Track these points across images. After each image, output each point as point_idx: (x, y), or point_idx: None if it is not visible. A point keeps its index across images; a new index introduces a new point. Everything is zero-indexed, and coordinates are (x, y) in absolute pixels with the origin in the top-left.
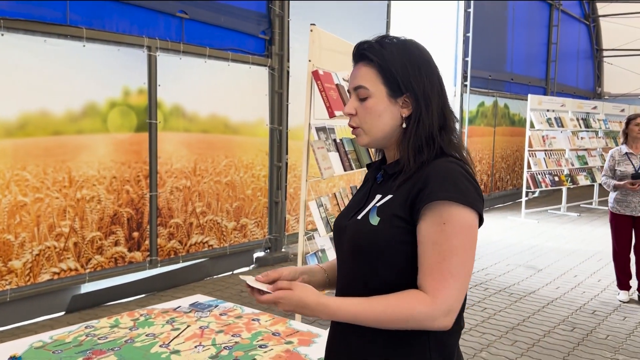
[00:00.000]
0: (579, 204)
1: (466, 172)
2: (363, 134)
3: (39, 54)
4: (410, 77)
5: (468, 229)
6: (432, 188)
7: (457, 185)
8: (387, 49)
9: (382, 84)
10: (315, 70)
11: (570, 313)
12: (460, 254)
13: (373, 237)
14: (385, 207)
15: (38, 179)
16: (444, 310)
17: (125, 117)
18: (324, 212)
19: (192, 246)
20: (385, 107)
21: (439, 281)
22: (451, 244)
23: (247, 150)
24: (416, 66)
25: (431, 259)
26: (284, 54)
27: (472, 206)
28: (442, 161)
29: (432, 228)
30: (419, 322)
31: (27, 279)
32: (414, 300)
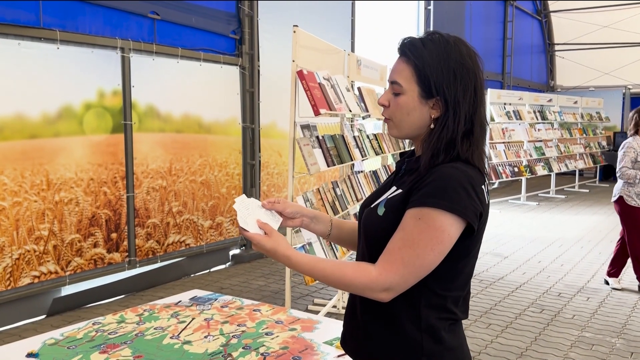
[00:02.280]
0: (537, 193)
1: (469, 182)
2: (393, 127)
3: (13, 57)
4: (443, 82)
5: (439, 231)
6: (426, 193)
7: (449, 193)
8: (428, 49)
9: (416, 84)
10: (299, 70)
11: (538, 296)
12: (420, 249)
13: (375, 227)
14: (393, 201)
15: (16, 182)
16: (382, 286)
17: (101, 119)
18: (310, 206)
19: (169, 246)
20: (415, 106)
21: (390, 263)
22: (416, 237)
23: (220, 149)
24: (452, 71)
25: (394, 242)
26: (254, 53)
27: (459, 213)
28: (448, 166)
29: (408, 220)
30: (359, 289)
31: (8, 284)
32: (359, 271)
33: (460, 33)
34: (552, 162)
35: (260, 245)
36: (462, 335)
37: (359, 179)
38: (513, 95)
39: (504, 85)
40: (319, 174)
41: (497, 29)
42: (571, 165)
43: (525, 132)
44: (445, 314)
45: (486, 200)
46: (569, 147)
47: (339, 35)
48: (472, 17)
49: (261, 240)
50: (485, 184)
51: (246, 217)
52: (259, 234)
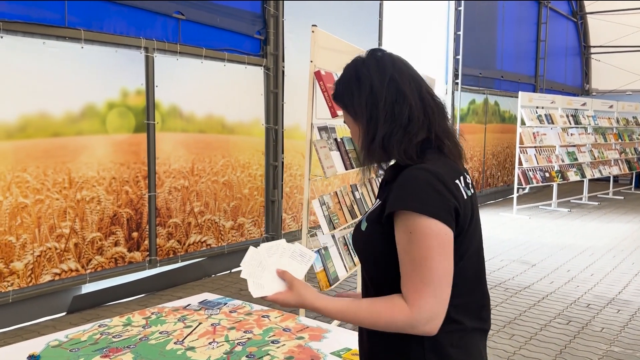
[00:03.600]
0: (569, 199)
1: (438, 180)
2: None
3: (38, 56)
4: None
5: (433, 237)
6: (394, 196)
7: (417, 194)
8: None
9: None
10: (317, 70)
11: (565, 307)
12: (430, 263)
13: (362, 242)
14: (372, 214)
15: (38, 180)
16: (423, 318)
17: (124, 118)
18: (327, 210)
19: (190, 246)
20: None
21: (414, 291)
22: (419, 253)
23: (243, 149)
24: (350, 88)
25: (405, 267)
26: (279, 54)
27: (434, 215)
28: (410, 169)
29: (402, 237)
30: (400, 329)
31: (29, 280)
32: (395, 309)
33: (491, 35)
34: (585, 167)
35: (284, 303)
36: (474, 348)
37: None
38: (545, 98)
39: (537, 89)
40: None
41: (530, 30)
42: (605, 171)
43: (557, 137)
44: (450, 325)
45: (463, 194)
46: (603, 152)
47: (366, 37)
48: (505, 18)
49: (284, 298)
50: (461, 177)
51: (258, 279)
52: (278, 292)
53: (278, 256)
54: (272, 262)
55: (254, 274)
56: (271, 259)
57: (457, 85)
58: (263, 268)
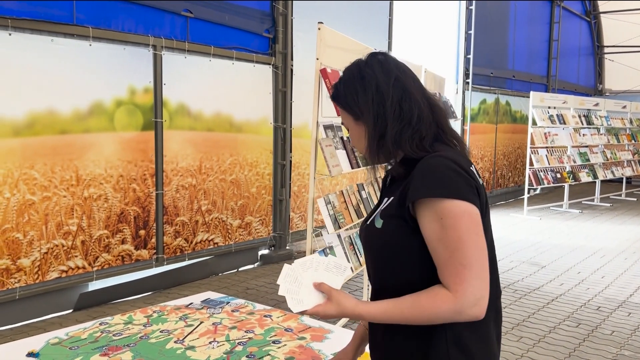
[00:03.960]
0: (581, 200)
1: (456, 165)
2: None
3: (46, 53)
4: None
5: (466, 217)
6: (415, 185)
7: (439, 180)
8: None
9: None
10: (323, 68)
11: (575, 309)
12: (466, 243)
13: (379, 240)
14: (387, 209)
15: (46, 177)
16: (469, 302)
17: (132, 116)
18: (332, 209)
19: (197, 244)
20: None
21: (455, 275)
22: (454, 236)
23: (251, 148)
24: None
25: (442, 255)
26: (287, 53)
27: (461, 197)
28: (426, 158)
29: (432, 225)
30: (446, 319)
31: (36, 277)
32: (438, 299)
33: (503, 34)
34: (597, 168)
35: (325, 315)
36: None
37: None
38: (557, 98)
39: (549, 89)
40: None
41: (542, 30)
42: (618, 172)
43: (569, 137)
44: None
45: (479, 179)
46: (615, 153)
47: (376, 36)
48: (517, 17)
49: (325, 310)
50: (472, 166)
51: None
52: (317, 304)
53: (313, 270)
54: (308, 277)
55: (291, 290)
56: (306, 273)
57: (467, 84)
58: (299, 283)
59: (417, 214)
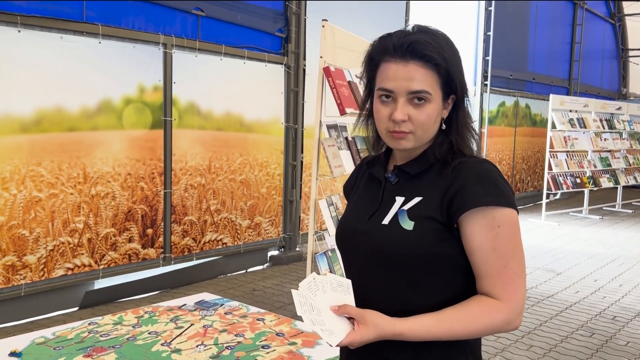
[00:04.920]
0: (601, 206)
1: (499, 172)
2: (412, 139)
3: (55, 50)
4: (462, 78)
5: (517, 226)
6: (477, 192)
7: (499, 187)
8: (446, 49)
9: (440, 89)
10: (326, 66)
11: (590, 318)
12: (518, 253)
13: (409, 244)
14: (417, 210)
15: (53, 174)
16: (518, 311)
17: (141, 114)
18: (334, 211)
19: (206, 244)
20: (438, 112)
21: (509, 284)
22: (509, 246)
23: (262, 148)
24: (460, 64)
25: (495, 264)
26: (300, 52)
27: (513, 206)
28: (474, 162)
29: (487, 234)
30: (497, 330)
31: (42, 274)
32: (493, 310)
33: (523, 36)
34: (619, 174)
35: (363, 342)
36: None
37: None
38: (578, 102)
39: (571, 92)
40: None
41: (564, 32)
42: None
43: (589, 142)
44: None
45: None
46: (638, 158)
47: None
48: (538, 19)
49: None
50: None
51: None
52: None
53: (321, 292)
54: (321, 301)
55: (316, 321)
56: (317, 297)
57: (486, 87)
58: (318, 311)
59: (463, 220)
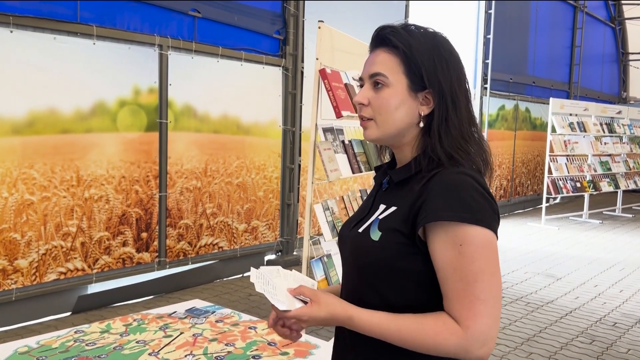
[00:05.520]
0: (601, 210)
1: (480, 185)
2: (374, 127)
3: (48, 51)
4: (437, 71)
5: (488, 247)
6: (437, 205)
7: (466, 201)
8: (415, 37)
9: (404, 74)
10: (322, 68)
11: (590, 325)
12: (486, 276)
13: (373, 254)
14: (388, 220)
15: (45, 177)
16: (479, 341)
17: (135, 116)
18: (330, 215)
19: (201, 248)
20: (402, 100)
21: (468, 309)
22: (473, 268)
23: (259, 151)
24: (444, 60)
25: (454, 285)
26: (298, 54)
27: (485, 224)
28: (449, 172)
29: (448, 252)
30: (449, 354)
31: (33, 279)
32: (446, 330)
33: (523, 39)
34: (619, 178)
35: (313, 318)
36: None
37: None
38: (578, 105)
39: (571, 95)
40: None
41: (564, 35)
42: None
43: (590, 146)
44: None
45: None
46: (638, 162)
47: None
48: (538, 22)
49: (311, 312)
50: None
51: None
52: (302, 307)
53: (282, 279)
54: (280, 283)
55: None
56: (277, 280)
57: (485, 90)
58: (273, 286)
59: (428, 235)
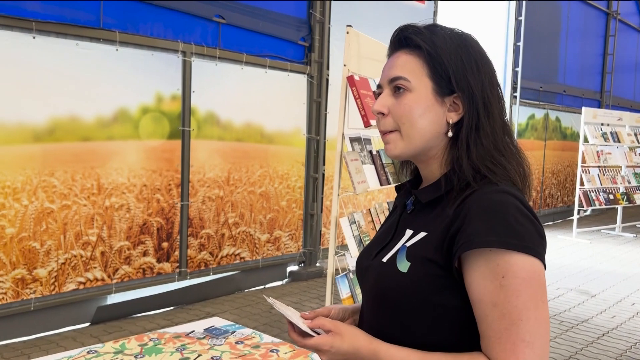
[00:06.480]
0: (635, 224)
1: (524, 206)
2: (398, 140)
3: (70, 57)
4: (466, 73)
5: (535, 279)
6: (476, 229)
7: (511, 225)
8: (440, 36)
9: (428, 77)
10: (350, 75)
11: (629, 347)
12: (532, 314)
13: (401, 287)
14: (417, 248)
15: (66, 185)
16: None
17: (158, 124)
18: (357, 229)
19: (223, 258)
20: (427, 107)
21: (511, 353)
22: (517, 304)
23: (282, 160)
24: (474, 61)
25: (495, 324)
26: (323, 61)
27: (532, 252)
28: (488, 191)
29: (487, 284)
30: None
31: (52, 288)
32: None
33: (554, 47)
34: None
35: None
36: None
37: None
38: (611, 115)
39: (602, 105)
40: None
41: (596, 43)
42: None
43: (623, 156)
44: None
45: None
46: None
47: None
48: (569, 30)
49: (333, 342)
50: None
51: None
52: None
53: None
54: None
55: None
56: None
57: (515, 98)
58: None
59: (465, 264)
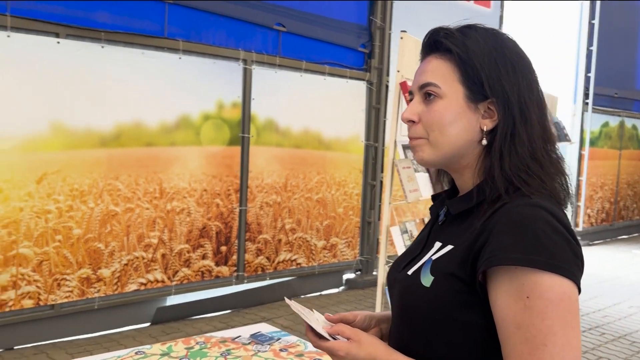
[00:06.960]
0: None
1: (558, 221)
2: (427, 147)
3: (136, 65)
4: (501, 77)
5: (565, 302)
6: (501, 244)
7: (540, 241)
8: (472, 37)
9: (460, 83)
10: (403, 81)
11: None
12: (558, 340)
13: (423, 302)
14: (442, 262)
15: (130, 189)
16: None
17: (218, 130)
18: (409, 239)
19: (279, 263)
20: (459, 113)
21: None
22: (542, 328)
23: (340, 167)
24: (510, 64)
25: (518, 347)
26: (383, 68)
27: (563, 272)
28: (517, 204)
29: (511, 304)
30: None
31: (115, 288)
32: None
33: (631, 51)
34: None
35: (351, 355)
36: None
37: None
38: None
39: None
40: None
41: None
42: None
43: None
44: None
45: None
46: None
47: None
48: None
49: (349, 349)
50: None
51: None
52: (341, 341)
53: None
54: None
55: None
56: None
57: (587, 105)
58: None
59: (489, 281)
